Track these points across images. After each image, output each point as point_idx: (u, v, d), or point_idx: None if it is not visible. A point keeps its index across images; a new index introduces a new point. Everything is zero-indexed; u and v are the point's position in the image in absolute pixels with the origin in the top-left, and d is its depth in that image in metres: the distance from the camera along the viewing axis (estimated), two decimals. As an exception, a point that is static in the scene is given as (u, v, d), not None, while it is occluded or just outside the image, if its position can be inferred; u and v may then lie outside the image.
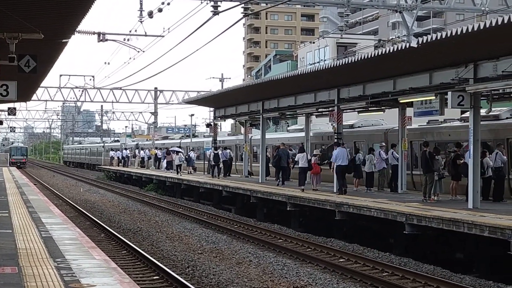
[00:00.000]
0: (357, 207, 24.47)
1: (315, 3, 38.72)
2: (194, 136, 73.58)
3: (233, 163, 50.11)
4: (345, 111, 32.35)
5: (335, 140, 31.50)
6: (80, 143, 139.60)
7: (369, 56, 24.23)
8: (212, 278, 17.85)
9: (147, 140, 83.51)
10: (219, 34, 28.36)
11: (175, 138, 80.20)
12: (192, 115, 74.56)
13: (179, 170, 53.46)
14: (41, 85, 46.71)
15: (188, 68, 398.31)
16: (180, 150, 59.29)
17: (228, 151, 49.17)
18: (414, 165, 31.63)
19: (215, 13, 33.65)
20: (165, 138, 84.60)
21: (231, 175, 47.87)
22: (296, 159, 34.30)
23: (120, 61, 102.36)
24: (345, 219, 25.88)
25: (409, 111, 29.12)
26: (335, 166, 30.17)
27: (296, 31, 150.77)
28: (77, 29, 21.80)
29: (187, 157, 55.81)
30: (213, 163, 47.21)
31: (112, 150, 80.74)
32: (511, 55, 20.21)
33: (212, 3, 33.76)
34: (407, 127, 30.20)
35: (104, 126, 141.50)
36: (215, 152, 47.59)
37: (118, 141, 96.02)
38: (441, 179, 25.76)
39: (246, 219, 33.05)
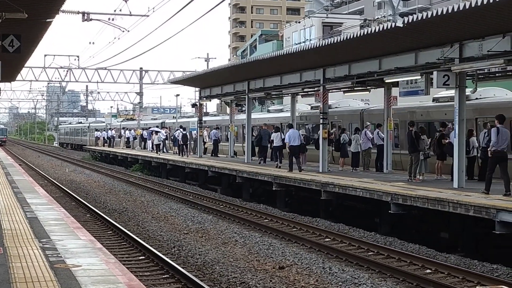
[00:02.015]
0: (343, 187, 24.51)
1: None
2: (189, 117, 72.03)
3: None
4: (331, 91, 32.33)
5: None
6: (81, 122, 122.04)
7: (354, 36, 24.18)
8: (198, 258, 17.86)
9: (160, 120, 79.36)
10: (204, 14, 28.24)
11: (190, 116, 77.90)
12: (178, 95, 74.27)
13: (158, 150, 54.82)
14: (26, 65, 46.45)
15: (173, 48, 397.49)
16: (159, 130, 59.52)
17: (216, 131, 49.39)
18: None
19: (201, -8, 33.47)
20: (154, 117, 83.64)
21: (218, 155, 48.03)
22: (272, 138, 35.61)
23: (105, 41, 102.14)
24: (331, 199, 25.95)
25: (395, 91, 29.18)
26: (288, 146, 31.68)
27: (281, 11, 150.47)
28: (61, 9, 21.63)
29: (172, 137, 55.81)
30: (181, 142, 49.72)
31: (127, 129, 76.67)
32: (497, 34, 20.21)
33: (197, -18, 33.53)
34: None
35: (89, 107, 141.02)
36: (183, 132, 50.19)
37: (133, 119, 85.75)
38: (426, 158, 25.84)
39: (232, 199, 33.08)
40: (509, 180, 19.52)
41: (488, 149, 20.43)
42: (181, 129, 51.25)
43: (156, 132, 57.69)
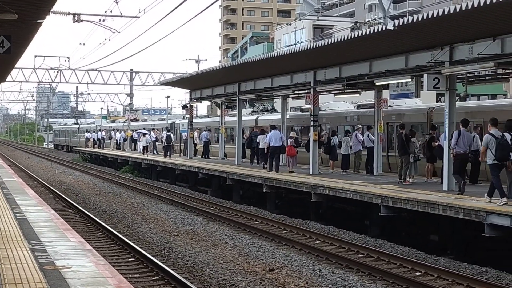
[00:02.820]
0: (333, 189, 24.53)
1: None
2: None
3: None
4: (321, 93, 32.36)
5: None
6: (77, 123, 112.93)
7: (345, 39, 24.21)
8: (188, 260, 17.85)
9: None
10: (195, 16, 28.22)
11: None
12: (168, 96, 74.50)
13: (145, 151, 55.22)
14: (16, 66, 46.27)
15: (164, 49, 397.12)
16: (146, 132, 59.63)
17: (207, 132, 49.45)
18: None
19: (191, -6, 33.43)
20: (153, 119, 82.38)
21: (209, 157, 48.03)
22: (257, 141, 36.08)
23: (95, 42, 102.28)
24: (321, 201, 25.98)
25: (386, 93, 29.22)
26: (269, 147, 32.26)
27: (272, 13, 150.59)
28: (52, 10, 21.59)
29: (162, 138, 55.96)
30: (165, 143, 50.09)
31: (117, 131, 75.22)
32: (487, 38, 20.27)
33: (188, -16, 33.49)
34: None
35: (80, 108, 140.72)
36: (168, 133, 50.90)
37: (146, 120, 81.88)
38: (416, 161, 25.89)
39: (222, 201, 33.06)
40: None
41: (451, 151, 21.61)
42: (166, 131, 52.11)
43: (144, 134, 58.02)
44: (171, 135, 51.14)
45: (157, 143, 56.29)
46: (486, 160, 18.86)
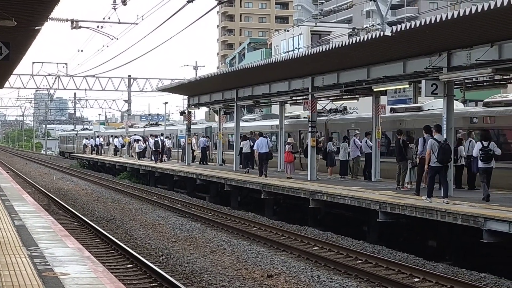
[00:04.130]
0: (331, 195, 24.53)
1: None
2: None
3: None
4: (319, 99, 32.38)
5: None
6: (86, 129, 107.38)
7: (343, 45, 24.24)
8: (186, 266, 17.83)
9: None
10: (193, 22, 28.29)
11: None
12: (166, 103, 74.37)
13: (139, 157, 56.96)
14: (14, 72, 46.31)
15: (162, 55, 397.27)
16: (140, 138, 60.28)
17: (205, 138, 49.50)
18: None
19: (189, 0, 33.46)
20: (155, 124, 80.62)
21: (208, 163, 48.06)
22: (240, 146, 37.85)
23: (93, 49, 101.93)
24: (319, 207, 25.98)
25: (383, 99, 29.25)
26: (257, 153, 34.23)
27: (270, 19, 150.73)
28: (50, 16, 21.58)
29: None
30: (153, 149, 51.87)
31: (115, 137, 74.22)
32: (484, 44, 20.31)
33: (186, -10, 33.51)
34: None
35: (77, 114, 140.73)
36: (155, 139, 52.46)
37: (171, 124, 75.31)
38: (414, 167, 25.88)
39: (220, 207, 33.04)
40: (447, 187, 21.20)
41: (418, 157, 23.01)
42: (154, 137, 53.92)
43: (137, 141, 59.33)
44: (159, 140, 52.46)
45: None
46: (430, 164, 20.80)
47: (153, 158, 53.04)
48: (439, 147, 20.49)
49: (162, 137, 54.40)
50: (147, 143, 57.68)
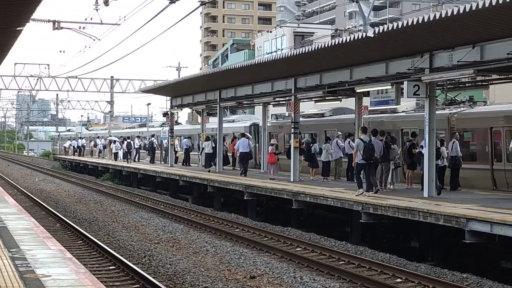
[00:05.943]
0: (314, 196, 24.55)
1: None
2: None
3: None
4: (302, 100, 32.39)
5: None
6: (69, 130, 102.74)
7: (325, 46, 24.26)
8: (169, 267, 17.81)
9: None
10: (176, 23, 28.23)
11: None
12: (149, 104, 74.08)
13: (116, 158, 58.52)
14: (-5, 73, 46.11)
15: (144, 57, 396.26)
16: (116, 139, 61.16)
17: (187, 140, 49.37)
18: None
19: (172, 1, 33.38)
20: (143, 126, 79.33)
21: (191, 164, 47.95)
22: (203, 146, 39.98)
23: (75, 50, 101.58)
24: (302, 208, 25.99)
25: (366, 100, 29.28)
26: (239, 153, 36.11)
27: (253, 20, 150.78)
28: (32, 17, 21.49)
29: (148, 146, 56.59)
30: (125, 150, 55.03)
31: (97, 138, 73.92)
32: (466, 45, 20.37)
33: (168, -9, 33.42)
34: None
35: (60, 115, 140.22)
36: (128, 140, 55.79)
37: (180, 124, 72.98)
38: (397, 168, 25.96)
39: (203, 209, 33.00)
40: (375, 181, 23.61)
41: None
42: (127, 138, 57.38)
43: (114, 142, 60.84)
44: (131, 142, 55.82)
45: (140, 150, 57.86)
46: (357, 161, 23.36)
47: (124, 158, 56.08)
48: (364, 146, 23.07)
49: (153, 138, 55.54)
50: (118, 143, 59.97)
